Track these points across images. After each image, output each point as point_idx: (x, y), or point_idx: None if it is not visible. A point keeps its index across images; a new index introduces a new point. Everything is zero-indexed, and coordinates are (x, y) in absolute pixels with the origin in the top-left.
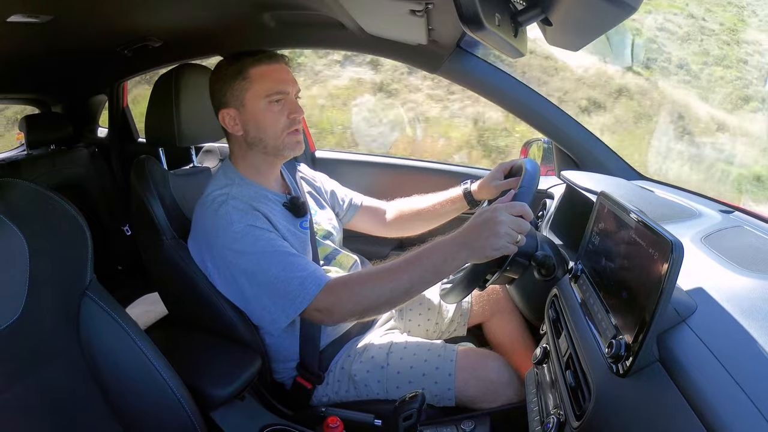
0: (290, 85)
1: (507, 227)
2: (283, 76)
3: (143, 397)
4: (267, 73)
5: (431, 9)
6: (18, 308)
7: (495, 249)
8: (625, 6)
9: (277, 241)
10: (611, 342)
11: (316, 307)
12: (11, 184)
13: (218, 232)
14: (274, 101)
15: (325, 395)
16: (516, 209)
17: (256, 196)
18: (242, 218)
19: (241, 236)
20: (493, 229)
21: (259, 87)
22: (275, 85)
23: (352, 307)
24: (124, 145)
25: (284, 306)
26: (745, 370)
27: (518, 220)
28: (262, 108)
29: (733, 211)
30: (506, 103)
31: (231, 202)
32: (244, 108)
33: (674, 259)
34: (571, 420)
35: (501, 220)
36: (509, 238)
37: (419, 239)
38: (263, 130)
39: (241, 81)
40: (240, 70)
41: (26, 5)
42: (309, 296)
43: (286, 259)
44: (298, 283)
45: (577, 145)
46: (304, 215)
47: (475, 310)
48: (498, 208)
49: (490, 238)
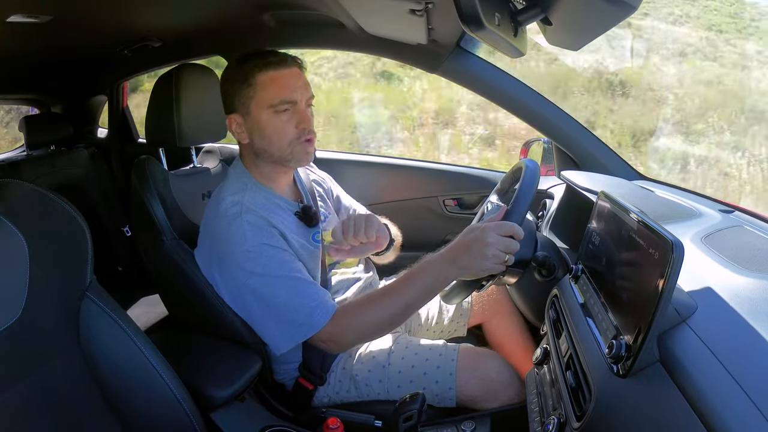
0: (300, 92)
1: (494, 249)
2: (292, 83)
3: (143, 398)
4: (274, 80)
5: (431, 8)
6: (18, 309)
7: (482, 270)
8: (625, 6)
9: (289, 263)
10: (612, 342)
11: (321, 338)
12: (11, 184)
13: (230, 247)
14: (280, 111)
15: (326, 396)
16: (505, 230)
17: (268, 204)
18: (255, 235)
19: (254, 256)
20: (480, 251)
21: (264, 95)
22: (282, 93)
23: (355, 337)
24: (124, 145)
25: (290, 332)
26: (746, 370)
27: (507, 241)
28: (266, 118)
29: (733, 211)
30: (506, 103)
31: (245, 217)
32: (249, 116)
33: (674, 259)
34: (571, 420)
35: (489, 242)
36: (496, 259)
37: (419, 242)
38: (268, 140)
39: (247, 87)
40: (246, 76)
41: (26, 5)
42: (316, 327)
43: (297, 286)
44: (307, 312)
45: (577, 145)
46: (316, 225)
47: (475, 310)
48: (486, 228)
49: (477, 259)
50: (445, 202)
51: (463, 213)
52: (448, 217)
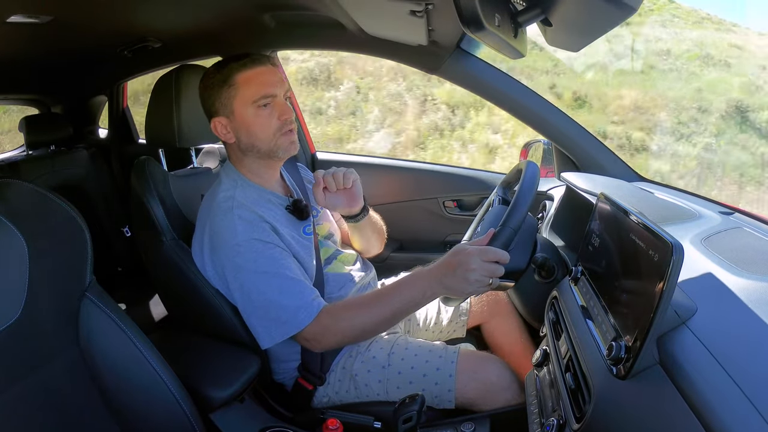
0: (277, 87)
1: (477, 275)
2: (269, 78)
3: (142, 398)
4: (252, 78)
5: (431, 9)
6: (18, 309)
7: (464, 293)
8: (625, 6)
9: (279, 260)
10: (611, 344)
11: (304, 337)
12: (11, 184)
13: (221, 241)
14: (261, 106)
15: (326, 396)
16: (489, 256)
17: (259, 200)
18: (246, 230)
19: (244, 251)
20: (463, 276)
21: (245, 93)
22: (261, 89)
23: (338, 339)
24: (124, 146)
25: (271, 330)
26: (746, 372)
27: (490, 266)
28: (251, 114)
29: (733, 213)
30: (506, 104)
31: (236, 211)
32: (234, 116)
33: (674, 260)
34: (571, 422)
35: (472, 268)
36: (478, 284)
37: (419, 242)
38: (254, 135)
39: (228, 88)
40: (225, 78)
41: (26, 5)
42: (299, 326)
43: (283, 284)
44: (291, 311)
45: (577, 146)
46: (306, 218)
47: (474, 311)
48: (471, 253)
49: (460, 283)
50: (445, 203)
51: (463, 214)
52: (448, 219)
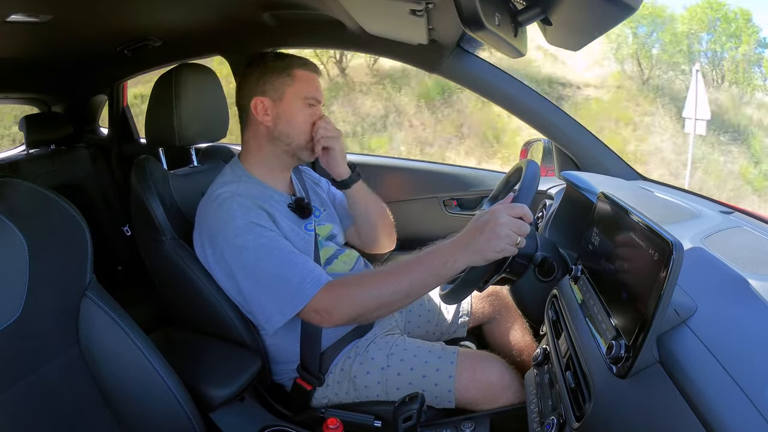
0: (322, 96)
1: (507, 229)
2: (320, 86)
3: (142, 397)
4: (310, 78)
5: (431, 9)
6: (17, 308)
7: (496, 251)
8: (625, 6)
9: (278, 239)
10: (611, 343)
11: (314, 308)
12: (11, 183)
13: (220, 226)
14: (309, 104)
15: (325, 396)
16: (516, 211)
17: (262, 196)
18: (245, 214)
19: (243, 231)
20: (494, 231)
21: (300, 87)
22: (315, 91)
23: (351, 309)
24: (124, 145)
25: (281, 305)
26: (746, 371)
27: (518, 221)
28: (298, 106)
29: (733, 212)
30: (506, 103)
31: (236, 199)
32: (281, 102)
33: (674, 259)
34: (571, 421)
35: (502, 222)
36: (510, 239)
37: (420, 242)
38: (293, 126)
39: (286, 77)
40: (286, 67)
41: (26, 5)
42: (307, 296)
43: (286, 257)
44: (297, 282)
45: (577, 145)
46: (308, 216)
47: (475, 311)
48: (498, 209)
49: (491, 240)
50: (446, 202)
51: (463, 213)
52: (449, 218)
